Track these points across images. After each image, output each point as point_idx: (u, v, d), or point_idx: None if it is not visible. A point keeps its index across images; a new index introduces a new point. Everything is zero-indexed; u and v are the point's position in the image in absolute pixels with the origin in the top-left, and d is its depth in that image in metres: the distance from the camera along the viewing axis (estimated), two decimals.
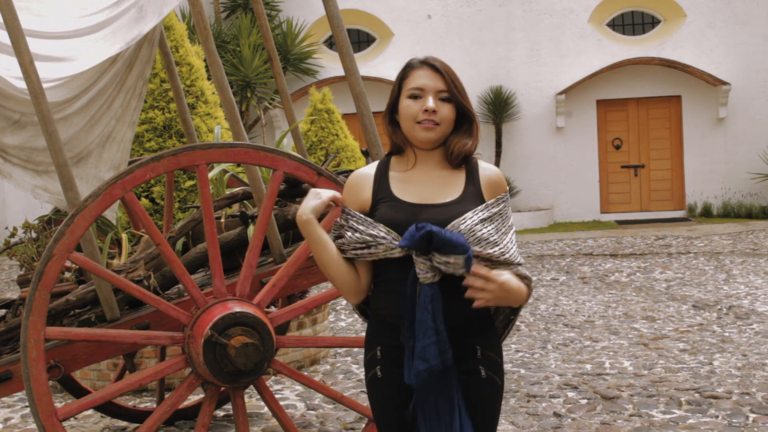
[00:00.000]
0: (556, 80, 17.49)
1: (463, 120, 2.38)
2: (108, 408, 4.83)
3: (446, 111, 2.33)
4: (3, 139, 4.03)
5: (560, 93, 17.17)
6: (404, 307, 2.26)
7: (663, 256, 11.91)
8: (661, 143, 17.68)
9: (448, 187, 2.35)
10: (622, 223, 16.85)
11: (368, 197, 2.39)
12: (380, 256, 2.30)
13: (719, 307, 7.95)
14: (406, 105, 2.34)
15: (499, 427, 4.57)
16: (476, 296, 2.19)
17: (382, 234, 2.28)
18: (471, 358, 2.32)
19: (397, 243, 2.25)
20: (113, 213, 4.37)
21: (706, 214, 17.17)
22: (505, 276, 2.22)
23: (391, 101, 2.41)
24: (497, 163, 17.27)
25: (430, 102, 2.31)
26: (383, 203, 2.35)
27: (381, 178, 2.40)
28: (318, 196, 2.37)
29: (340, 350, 6.67)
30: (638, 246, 13.13)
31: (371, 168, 2.45)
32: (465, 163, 2.39)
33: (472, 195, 2.34)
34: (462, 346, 2.31)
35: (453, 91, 2.33)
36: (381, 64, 17.45)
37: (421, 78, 2.33)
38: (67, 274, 3.84)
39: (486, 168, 2.40)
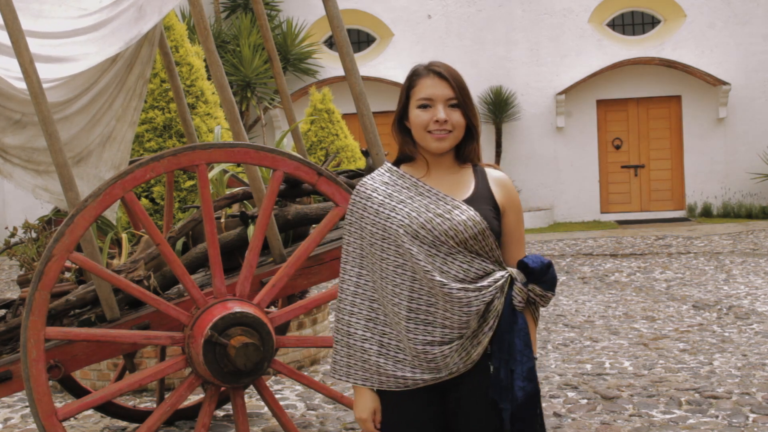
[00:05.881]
0: (556, 80, 17.48)
1: (470, 124, 2.44)
2: (108, 408, 4.82)
3: (457, 117, 2.38)
4: (4, 140, 4.02)
5: (560, 93, 17.16)
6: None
7: (663, 256, 11.90)
8: (661, 143, 17.66)
9: (461, 187, 2.43)
10: (622, 223, 16.84)
11: None
12: None
13: (719, 307, 7.95)
14: (417, 115, 2.39)
15: None
16: None
17: None
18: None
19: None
20: (113, 213, 4.36)
21: (706, 214, 17.16)
22: None
23: (400, 109, 2.45)
24: (497, 163, 17.28)
25: (441, 113, 2.36)
26: None
27: None
28: None
29: None
30: (638, 246, 13.13)
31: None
32: (471, 163, 2.49)
33: (482, 194, 2.43)
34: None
35: (461, 98, 2.38)
36: (381, 64, 17.44)
37: (429, 87, 2.37)
38: (67, 274, 3.83)
39: (494, 171, 2.51)
